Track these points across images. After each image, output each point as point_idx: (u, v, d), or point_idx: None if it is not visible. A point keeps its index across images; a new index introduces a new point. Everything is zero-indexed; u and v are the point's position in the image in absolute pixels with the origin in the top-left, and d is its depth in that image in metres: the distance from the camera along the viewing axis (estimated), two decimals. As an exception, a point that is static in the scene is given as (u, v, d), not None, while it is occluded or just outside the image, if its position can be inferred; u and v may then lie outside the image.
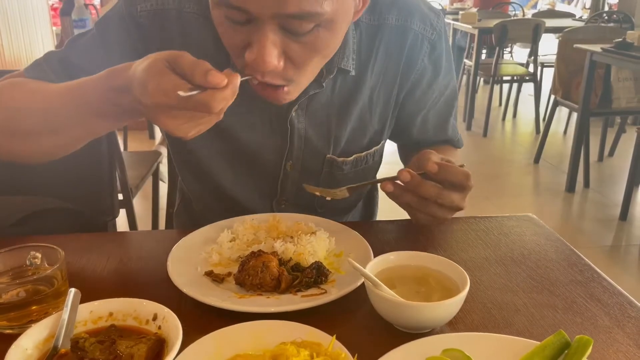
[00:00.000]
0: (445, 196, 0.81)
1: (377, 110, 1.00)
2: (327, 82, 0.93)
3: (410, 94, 1.01)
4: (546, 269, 0.85)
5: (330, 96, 0.96)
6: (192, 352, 0.63)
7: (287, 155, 1.00)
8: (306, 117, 0.96)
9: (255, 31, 0.71)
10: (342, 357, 0.60)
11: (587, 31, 4.05)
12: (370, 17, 0.94)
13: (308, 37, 0.73)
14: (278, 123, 0.96)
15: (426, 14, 0.97)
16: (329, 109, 0.96)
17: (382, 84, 0.98)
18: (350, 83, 0.96)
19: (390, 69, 0.97)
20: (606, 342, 0.68)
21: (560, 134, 5.04)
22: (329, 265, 0.81)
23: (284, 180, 1.02)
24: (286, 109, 0.95)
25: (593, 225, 3.35)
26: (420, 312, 0.66)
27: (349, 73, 0.94)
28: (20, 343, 0.60)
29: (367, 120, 1.00)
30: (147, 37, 0.90)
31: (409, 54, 0.97)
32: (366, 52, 0.95)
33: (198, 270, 0.81)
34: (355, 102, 0.97)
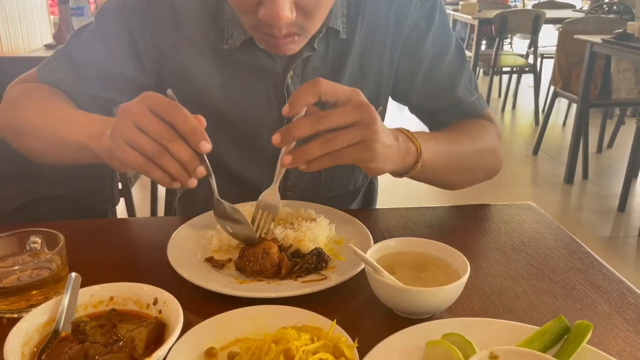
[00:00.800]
0: (322, 117, 0.70)
1: (369, 72, 0.99)
2: (319, 45, 0.93)
3: (404, 52, 1.00)
4: (546, 256, 0.86)
5: (323, 60, 0.96)
6: (192, 336, 0.63)
7: None
8: (302, 82, 0.96)
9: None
10: (342, 341, 0.60)
11: (588, 22, 4.04)
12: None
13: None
14: (275, 93, 0.96)
15: None
16: (323, 73, 0.96)
17: (372, 45, 0.98)
18: (341, 46, 0.96)
19: (380, 28, 0.97)
20: (605, 328, 0.68)
21: (560, 126, 5.04)
22: (329, 251, 0.81)
23: None
24: (282, 77, 0.95)
25: (591, 217, 3.36)
26: (420, 297, 0.66)
27: (339, 34, 0.94)
28: (21, 326, 0.60)
29: (360, 83, 0.99)
30: (142, 22, 0.93)
31: (397, 11, 0.97)
32: (354, 13, 0.95)
33: (198, 257, 0.81)
34: (346, 65, 0.97)
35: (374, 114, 0.71)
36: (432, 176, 0.92)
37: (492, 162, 1.04)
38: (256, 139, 1.00)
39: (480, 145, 1.00)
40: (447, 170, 0.94)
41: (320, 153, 0.71)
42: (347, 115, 0.71)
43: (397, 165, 0.81)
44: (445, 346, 0.59)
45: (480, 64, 5.18)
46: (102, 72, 0.97)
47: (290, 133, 0.70)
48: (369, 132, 0.71)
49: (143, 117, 0.68)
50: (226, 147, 1.01)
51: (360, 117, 0.71)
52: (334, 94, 0.70)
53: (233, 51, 0.93)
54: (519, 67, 5.19)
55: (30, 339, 0.60)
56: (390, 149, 0.76)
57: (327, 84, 0.70)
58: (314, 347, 0.58)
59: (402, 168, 0.83)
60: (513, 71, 5.43)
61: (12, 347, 0.57)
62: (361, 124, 0.71)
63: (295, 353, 0.56)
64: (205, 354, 0.61)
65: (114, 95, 1.00)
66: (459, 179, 1.01)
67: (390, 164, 0.79)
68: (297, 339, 0.58)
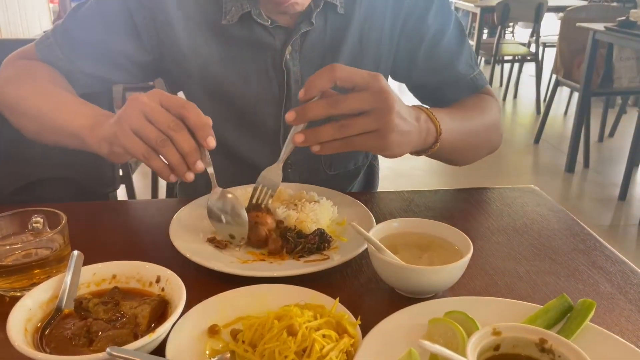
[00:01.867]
0: (338, 102, 0.70)
1: (368, 50, 0.99)
2: (318, 20, 0.94)
3: (405, 30, 1.01)
4: (548, 238, 0.85)
5: (322, 35, 0.96)
6: (195, 313, 0.63)
7: (286, 104, 0.99)
8: (300, 58, 0.96)
9: None
10: (345, 319, 0.60)
11: (590, 10, 4.00)
12: None
13: None
14: (274, 69, 0.96)
15: None
16: (322, 48, 0.97)
17: (372, 22, 0.98)
18: (339, 22, 0.96)
19: (379, 5, 0.97)
20: (608, 308, 0.68)
21: (561, 115, 5.02)
22: (331, 233, 0.81)
23: (285, 136, 1.01)
24: (280, 52, 0.95)
25: (592, 205, 3.36)
26: (423, 276, 0.66)
27: (337, 9, 0.94)
28: (24, 303, 0.60)
29: (359, 60, 0.99)
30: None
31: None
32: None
33: (200, 237, 0.81)
34: (345, 41, 0.97)
35: (390, 101, 0.70)
36: (447, 153, 0.92)
37: (495, 136, 1.05)
38: (255, 114, 1.00)
39: (487, 120, 1.01)
40: (461, 147, 0.94)
41: (332, 137, 0.71)
42: (364, 102, 0.70)
43: (416, 147, 0.81)
44: (448, 324, 0.58)
45: (482, 53, 5.15)
46: (101, 48, 0.96)
47: (305, 113, 0.71)
48: (385, 122, 0.71)
49: (152, 108, 0.70)
50: (225, 121, 1.01)
51: (377, 105, 0.70)
52: (350, 80, 0.70)
53: (231, 26, 0.92)
54: (521, 56, 5.17)
55: (33, 316, 0.60)
56: (407, 136, 0.76)
57: (343, 70, 0.70)
58: (316, 323, 0.58)
59: (422, 147, 0.84)
60: (515, 60, 5.41)
61: (15, 323, 0.57)
62: (377, 112, 0.70)
63: (299, 329, 0.56)
64: (209, 331, 0.62)
65: (111, 74, 0.99)
66: (468, 155, 1.02)
67: (406, 149, 0.78)
68: (300, 316, 0.58)
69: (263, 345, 0.56)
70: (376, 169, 1.28)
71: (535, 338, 0.54)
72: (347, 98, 0.70)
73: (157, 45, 0.96)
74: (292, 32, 0.94)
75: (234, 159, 1.04)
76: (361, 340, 0.58)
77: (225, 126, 1.00)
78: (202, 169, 0.72)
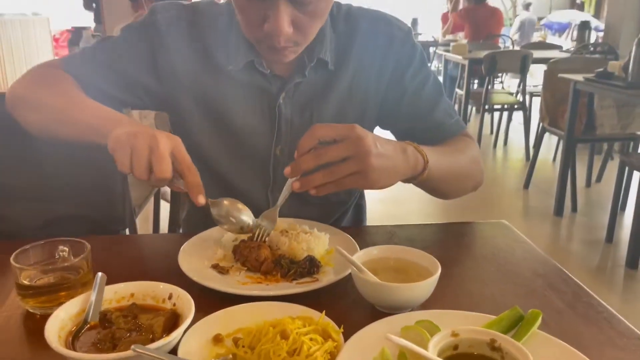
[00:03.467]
0: (322, 153, 0.85)
1: (356, 100, 1.15)
2: (309, 73, 1.09)
3: (389, 85, 1.16)
4: (512, 265, 0.97)
5: (312, 86, 1.12)
6: (202, 325, 0.74)
7: (276, 139, 1.13)
8: (292, 104, 1.11)
9: (271, 7, 0.90)
10: (330, 326, 0.71)
11: (573, 62, 4.22)
12: (346, 24, 1.12)
13: (310, 7, 0.92)
14: (268, 109, 1.11)
15: (392, 20, 1.15)
16: (311, 97, 1.12)
17: (360, 77, 1.13)
18: (328, 76, 1.12)
19: (366, 65, 1.13)
20: (558, 321, 0.79)
21: (550, 161, 5.18)
22: (320, 259, 0.93)
23: (275, 165, 1.15)
24: (275, 97, 1.10)
25: (580, 247, 3.46)
26: (397, 292, 0.77)
27: (327, 65, 1.09)
28: (58, 315, 0.71)
29: (346, 108, 1.14)
30: (164, 40, 1.09)
31: (381, 52, 1.13)
32: (344, 51, 1.12)
33: (205, 264, 0.92)
34: (333, 92, 1.12)
35: (367, 147, 0.85)
36: (435, 182, 1.04)
37: (477, 172, 1.17)
38: (249, 144, 1.14)
39: (467, 155, 1.14)
40: (447, 177, 1.07)
41: (323, 181, 0.87)
42: (344, 151, 0.85)
43: (405, 175, 0.95)
44: (417, 330, 0.69)
45: (471, 102, 5.37)
46: (120, 74, 1.10)
47: (298, 166, 0.87)
48: (364, 164, 0.85)
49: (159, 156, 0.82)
50: (222, 150, 1.14)
51: (356, 151, 0.85)
52: (329, 136, 0.86)
53: (236, 72, 1.08)
54: (510, 105, 5.37)
55: (65, 325, 0.71)
56: (391, 169, 0.90)
57: (322, 129, 0.86)
58: (305, 330, 0.69)
59: (412, 175, 0.97)
60: (504, 109, 5.61)
61: (52, 331, 0.68)
62: (356, 157, 0.85)
63: (290, 334, 0.67)
64: (213, 339, 0.72)
65: (124, 97, 1.12)
66: (454, 187, 1.14)
67: (393, 180, 0.92)
68: (291, 324, 0.69)
69: (260, 347, 0.66)
70: (363, 209, 1.41)
71: (487, 338, 0.65)
72: (329, 149, 0.85)
73: (172, 82, 1.10)
74: (287, 81, 1.09)
75: (226, 185, 1.16)
76: (343, 344, 0.69)
77: (221, 154, 1.14)
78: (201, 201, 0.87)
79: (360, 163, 0.85)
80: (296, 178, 0.89)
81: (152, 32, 1.09)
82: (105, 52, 1.11)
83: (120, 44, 1.11)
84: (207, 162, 1.16)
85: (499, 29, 6.73)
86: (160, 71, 1.10)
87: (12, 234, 1.00)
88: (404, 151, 0.93)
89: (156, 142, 0.83)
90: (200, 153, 1.15)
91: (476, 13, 6.60)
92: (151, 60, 1.09)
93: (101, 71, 1.10)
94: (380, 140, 0.88)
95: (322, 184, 0.87)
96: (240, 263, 0.93)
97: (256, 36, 0.98)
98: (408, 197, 4.20)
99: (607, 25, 5.52)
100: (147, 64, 1.10)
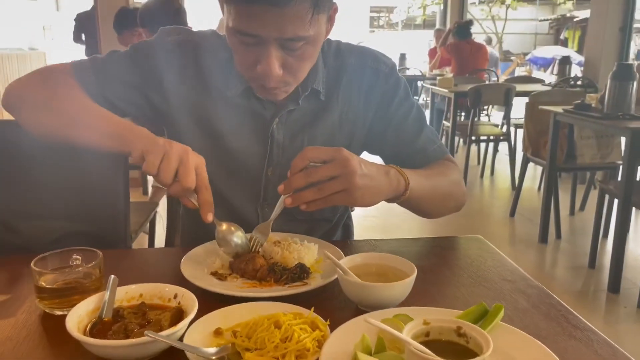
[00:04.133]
0: (311, 173, 0.95)
1: (345, 127, 1.26)
2: (303, 101, 1.20)
3: (377, 114, 1.27)
4: (484, 272, 1.07)
5: (304, 113, 1.23)
6: (203, 321, 0.83)
7: (268, 161, 1.23)
8: (284, 129, 1.22)
9: (263, 50, 1.00)
10: (318, 319, 0.80)
11: (553, 94, 4.40)
12: (335, 60, 1.24)
13: (299, 51, 1.02)
14: (262, 133, 1.22)
15: (378, 56, 1.27)
16: (303, 123, 1.23)
17: (349, 108, 1.25)
18: (320, 105, 1.23)
19: (354, 97, 1.25)
20: (523, 319, 0.89)
21: (535, 190, 5.33)
22: (310, 267, 1.02)
23: (266, 185, 1.25)
24: (269, 122, 1.21)
25: (564, 273, 3.57)
26: (377, 291, 0.87)
27: (319, 95, 1.21)
28: (76, 311, 0.80)
29: (335, 135, 1.25)
30: (170, 62, 1.20)
31: (368, 85, 1.25)
32: (334, 84, 1.23)
33: (205, 271, 1.02)
34: (324, 120, 1.23)
35: (352, 167, 0.96)
36: (417, 202, 1.14)
37: (459, 193, 1.27)
38: (242, 164, 1.24)
39: (449, 177, 1.24)
40: (428, 198, 1.17)
41: (312, 198, 0.97)
42: (331, 170, 0.96)
43: (388, 195, 1.05)
44: (394, 320, 0.79)
45: (458, 133, 5.53)
46: (127, 86, 1.19)
47: (291, 184, 0.97)
48: (349, 183, 0.96)
49: (186, 169, 0.94)
50: (216, 168, 1.21)
51: (342, 171, 0.95)
52: (319, 157, 0.97)
53: (234, 97, 1.19)
54: (495, 136, 5.54)
55: (82, 320, 0.80)
56: (374, 189, 1.01)
57: (312, 152, 0.97)
58: (296, 321, 0.78)
59: (395, 195, 1.07)
60: (489, 140, 5.78)
61: (72, 323, 0.77)
62: (343, 177, 0.96)
63: (283, 324, 0.76)
64: (214, 332, 0.81)
65: (130, 109, 1.21)
66: (436, 206, 1.23)
67: (378, 199, 1.03)
68: (284, 317, 0.78)
69: (256, 336, 0.75)
70: (351, 228, 1.51)
71: (454, 326, 0.75)
72: (319, 170, 0.96)
73: (174, 100, 1.20)
74: (281, 108, 1.20)
75: (221, 200, 1.24)
76: (329, 334, 0.78)
77: (216, 172, 1.22)
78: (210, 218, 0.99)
79: (346, 182, 0.96)
80: (288, 195, 0.99)
81: (160, 52, 1.19)
82: (116, 64, 1.20)
83: (130, 58, 1.20)
84: None
85: (485, 64, 6.97)
86: (166, 89, 1.20)
87: (26, 248, 1.08)
88: (387, 173, 1.04)
89: (187, 155, 0.95)
90: None
91: (462, 48, 6.84)
92: (158, 77, 1.19)
93: (110, 82, 1.18)
94: (365, 163, 0.99)
95: (311, 200, 0.98)
96: (240, 275, 1.01)
97: (249, 75, 1.09)
98: (397, 224, 4.31)
99: (586, 60, 5.76)
100: (154, 80, 1.19)
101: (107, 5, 4.68)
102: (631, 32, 5.49)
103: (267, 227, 1.09)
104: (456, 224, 4.43)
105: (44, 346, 0.81)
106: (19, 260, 1.02)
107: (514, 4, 19.33)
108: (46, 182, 1.30)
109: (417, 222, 4.47)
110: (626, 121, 3.12)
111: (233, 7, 0.97)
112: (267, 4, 0.93)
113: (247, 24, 0.97)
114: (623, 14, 5.36)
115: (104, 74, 1.18)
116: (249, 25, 0.97)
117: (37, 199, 1.28)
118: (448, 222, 4.57)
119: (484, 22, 19.13)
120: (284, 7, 0.93)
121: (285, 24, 0.96)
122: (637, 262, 3.65)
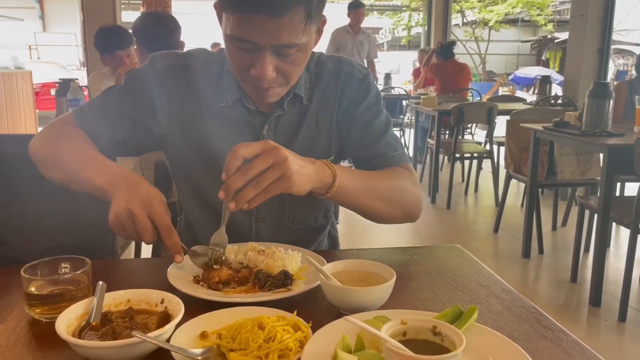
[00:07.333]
0: (248, 169, 0.97)
1: (322, 130, 1.32)
2: (288, 107, 1.26)
3: (345, 115, 1.33)
4: (461, 278, 1.11)
5: (290, 119, 1.29)
6: (190, 324, 0.86)
7: None
8: (274, 136, 1.28)
9: (258, 56, 1.07)
10: (300, 322, 0.83)
11: (533, 113, 4.51)
12: (316, 66, 1.32)
13: (291, 57, 1.10)
14: (253, 140, 1.24)
15: (353, 63, 1.34)
16: (290, 128, 1.29)
17: (325, 110, 1.31)
18: (302, 109, 1.30)
19: (329, 99, 1.32)
20: (496, 320, 0.93)
21: (518, 206, 5.41)
22: (294, 275, 1.05)
23: None
24: (259, 130, 1.26)
25: (547, 287, 3.62)
26: (358, 295, 0.90)
27: (302, 100, 1.27)
28: (66, 315, 0.82)
29: (316, 138, 1.31)
30: (163, 85, 1.25)
31: (342, 87, 1.32)
32: (313, 87, 1.30)
33: (190, 279, 1.05)
34: (305, 123, 1.30)
35: (282, 154, 0.98)
36: (351, 200, 1.17)
37: (407, 201, 1.26)
38: None
39: (396, 183, 1.25)
40: (364, 197, 1.18)
41: (254, 194, 0.98)
42: (263, 162, 0.97)
43: (316, 183, 1.07)
44: (374, 322, 0.82)
45: (442, 151, 5.61)
46: (127, 119, 1.24)
47: (229, 187, 0.98)
48: (284, 168, 0.98)
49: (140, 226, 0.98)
50: (211, 182, 1.25)
51: (274, 159, 0.97)
52: (250, 153, 0.99)
53: (226, 108, 1.25)
54: (479, 154, 5.63)
55: (71, 324, 0.82)
56: (306, 175, 1.03)
57: (242, 149, 0.99)
58: (279, 323, 0.81)
59: (322, 186, 1.09)
60: (473, 157, 5.87)
61: (62, 327, 0.79)
62: (276, 164, 0.98)
63: (266, 325, 0.79)
64: (200, 335, 0.84)
65: (132, 140, 1.27)
66: (375, 209, 1.22)
67: (309, 185, 1.05)
68: (267, 319, 0.81)
69: (240, 337, 0.78)
70: (337, 240, 1.55)
71: (429, 325, 0.78)
72: (253, 164, 0.98)
73: (168, 123, 1.26)
74: (269, 115, 1.26)
75: (212, 210, 1.29)
76: (311, 335, 0.81)
77: (211, 186, 1.26)
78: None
79: (280, 169, 0.98)
80: (231, 199, 1.00)
81: (150, 79, 1.25)
82: (112, 101, 1.27)
83: (125, 92, 1.27)
84: (200, 194, 1.31)
85: (467, 83, 7.10)
86: (159, 114, 1.26)
87: (17, 260, 1.10)
88: (313, 162, 1.08)
89: (135, 215, 0.98)
90: (194, 185, 1.31)
91: (445, 68, 6.97)
92: (152, 105, 1.25)
93: (109, 119, 1.25)
94: (291, 152, 1.03)
95: (253, 195, 0.98)
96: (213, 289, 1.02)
97: (243, 78, 1.15)
98: (382, 239, 4.35)
99: (566, 80, 5.90)
100: (149, 108, 1.25)
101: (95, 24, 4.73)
102: (609, 53, 5.65)
103: (223, 234, 1.08)
104: (441, 240, 4.51)
105: (33, 350, 0.83)
106: (9, 270, 1.04)
107: (496, 26, 19.72)
108: (35, 195, 1.32)
109: (404, 235, 4.54)
110: (603, 138, 3.21)
111: (232, 16, 1.04)
112: (266, 14, 1.00)
113: (245, 31, 1.04)
114: (600, 36, 5.52)
115: (101, 115, 1.25)
116: (247, 33, 1.04)
117: (29, 212, 1.31)
118: (434, 238, 4.66)
119: (468, 43, 19.50)
120: (280, 17, 1.01)
121: (280, 32, 1.03)
122: (617, 276, 3.71)
